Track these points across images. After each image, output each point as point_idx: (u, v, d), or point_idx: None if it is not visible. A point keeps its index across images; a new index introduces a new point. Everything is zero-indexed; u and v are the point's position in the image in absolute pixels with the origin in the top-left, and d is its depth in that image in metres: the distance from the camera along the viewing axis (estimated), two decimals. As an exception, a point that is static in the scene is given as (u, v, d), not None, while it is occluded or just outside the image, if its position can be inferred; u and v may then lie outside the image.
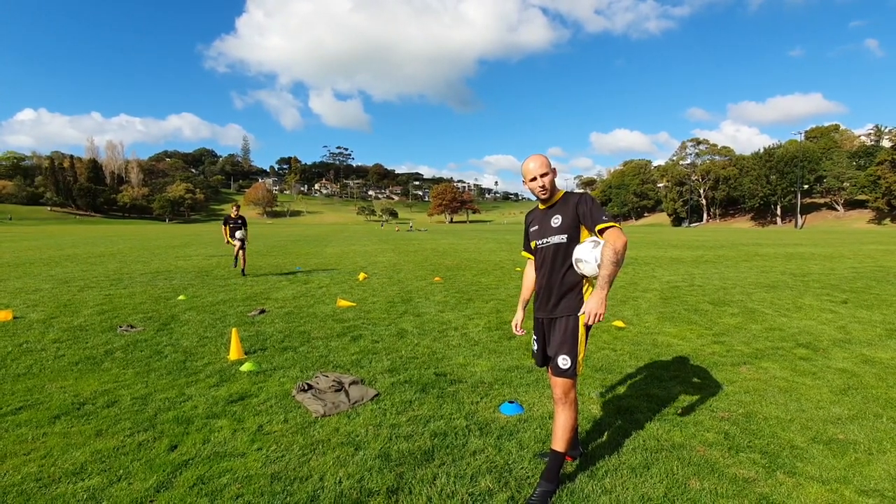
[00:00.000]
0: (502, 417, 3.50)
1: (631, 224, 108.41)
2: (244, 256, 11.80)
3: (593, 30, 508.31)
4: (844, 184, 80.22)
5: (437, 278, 11.23)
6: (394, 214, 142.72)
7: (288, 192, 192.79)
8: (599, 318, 2.40)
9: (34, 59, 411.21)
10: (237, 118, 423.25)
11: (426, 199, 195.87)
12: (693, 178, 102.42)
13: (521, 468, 2.81)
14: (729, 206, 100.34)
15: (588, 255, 2.52)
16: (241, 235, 11.75)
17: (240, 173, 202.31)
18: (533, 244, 2.83)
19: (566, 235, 2.64)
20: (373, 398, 3.83)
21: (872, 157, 79.35)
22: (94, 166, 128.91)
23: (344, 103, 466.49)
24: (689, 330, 6.20)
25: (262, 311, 7.26)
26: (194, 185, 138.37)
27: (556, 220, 2.67)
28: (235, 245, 11.80)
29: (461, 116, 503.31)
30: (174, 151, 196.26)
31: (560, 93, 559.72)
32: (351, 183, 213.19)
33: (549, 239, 2.70)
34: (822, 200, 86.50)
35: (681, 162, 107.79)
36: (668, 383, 4.20)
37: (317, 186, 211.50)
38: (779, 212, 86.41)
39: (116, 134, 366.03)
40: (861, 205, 78.54)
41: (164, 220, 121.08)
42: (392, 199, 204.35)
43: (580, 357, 2.59)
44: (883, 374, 4.46)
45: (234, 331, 5.17)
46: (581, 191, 2.78)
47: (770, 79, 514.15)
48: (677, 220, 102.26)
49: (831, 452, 2.97)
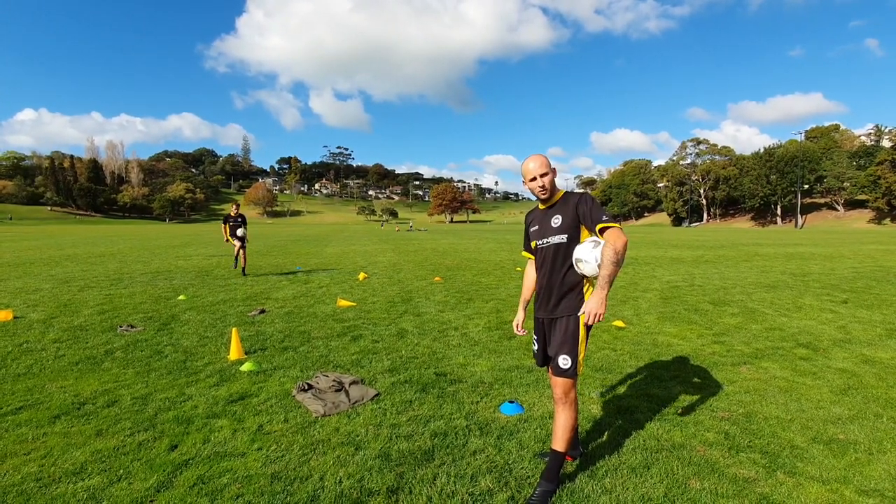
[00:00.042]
0: (502, 417, 3.50)
1: (631, 224, 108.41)
2: (244, 256, 11.80)
3: (593, 29, 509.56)
4: (844, 184, 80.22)
5: (437, 278, 11.24)
6: (394, 214, 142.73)
7: (288, 191, 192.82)
8: (599, 319, 2.40)
9: (34, 59, 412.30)
10: (237, 118, 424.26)
11: (426, 199, 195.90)
12: (693, 178, 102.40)
13: (522, 468, 2.81)
14: (729, 206, 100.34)
15: (588, 255, 2.52)
16: (241, 233, 11.74)
17: (240, 173, 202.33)
18: (533, 244, 2.82)
19: (566, 235, 2.64)
20: (373, 398, 3.84)
21: (872, 157, 79.37)
22: (94, 166, 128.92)
23: (344, 103, 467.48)
24: (690, 330, 6.20)
25: (263, 311, 7.27)
26: (194, 185, 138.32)
27: (557, 220, 2.67)
28: (235, 245, 11.80)
29: (461, 116, 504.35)
30: (174, 151, 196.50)
31: (560, 92, 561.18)
32: (351, 183, 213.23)
33: (549, 239, 2.70)
34: (822, 200, 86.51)
35: (681, 162, 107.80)
36: (668, 383, 4.20)
37: (317, 186, 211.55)
38: (779, 212, 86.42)
39: (117, 134, 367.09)
40: (861, 205, 78.55)
41: (165, 220, 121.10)
42: (392, 199, 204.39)
43: (580, 357, 2.59)
44: (883, 373, 4.46)
45: (234, 331, 5.17)
46: (581, 191, 2.78)
47: (770, 78, 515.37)
48: (677, 220, 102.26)
49: (831, 452, 2.97)
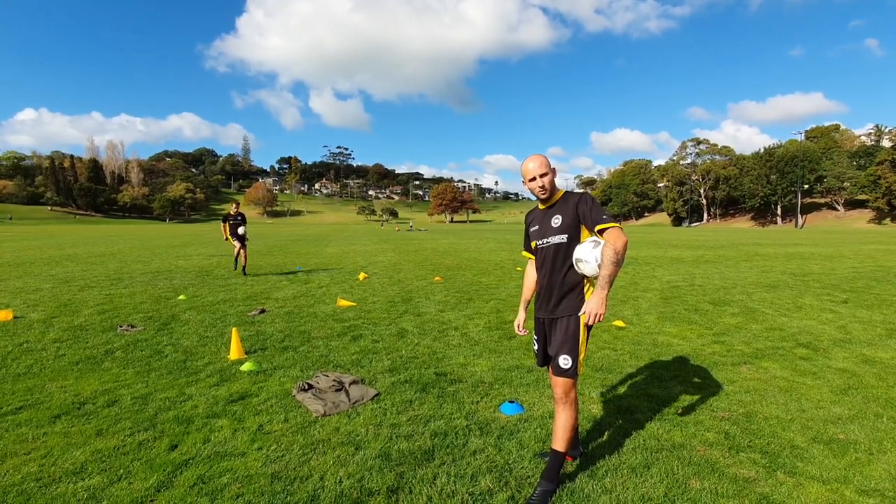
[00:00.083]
0: (502, 417, 3.50)
1: (631, 224, 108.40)
2: (245, 255, 11.80)
3: (593, 29, 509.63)
4: (845, 184, 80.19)
5: (437, 278, 11.23)
6: (394, 214, 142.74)
7: (288, 191, 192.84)
8: (600, 319, 2.40)
9: (34, 59, 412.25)
10: (237, 118, 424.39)
11: (426, 198, 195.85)
12: (693, 178, 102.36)
13: (522, 468, 2.81)
14: (729, 206, 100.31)
15: (588, 256, 2.52)
16: (242, 231, 11.77)
17: (240, 173, 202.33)
18: (533, 244, 2.82)
19: (566, 235, 2.64)
20: (373, 398, 3.84)
21: (873, 157, 79.34)
22: (94, 166, 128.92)
23: (344, 103, 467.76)
24: (690, 330, 6.19)
25: (263, 311, 7.27)
26: (194, 185, 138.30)
27: (557, 220, 2.67)
28: (235, 246, 11.78)
29: (461, 116, 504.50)
30: (174, 151, 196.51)
31: (560, 92, 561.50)
32: (351, 183, 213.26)
33: (549, 239, 2.69)
34: (822, 200, 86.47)
35: (681, 162, 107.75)
36: (668, 383, 4.20)
37: (317, 186, 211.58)
38: (779, 211, 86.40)
39: (117, 134, 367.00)
40: (861, 205, 78.52)
41: (165, 220, 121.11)
42: (392, 198, 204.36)
43: (581, 357, 2.59)
44: (883, 373, 4.46)
45: (234, 330, 5.17)
46: (581, 190, 2.78)
47: (770, 78, 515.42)
48: (677, 220, 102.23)
49: (832, 452, 2.97)
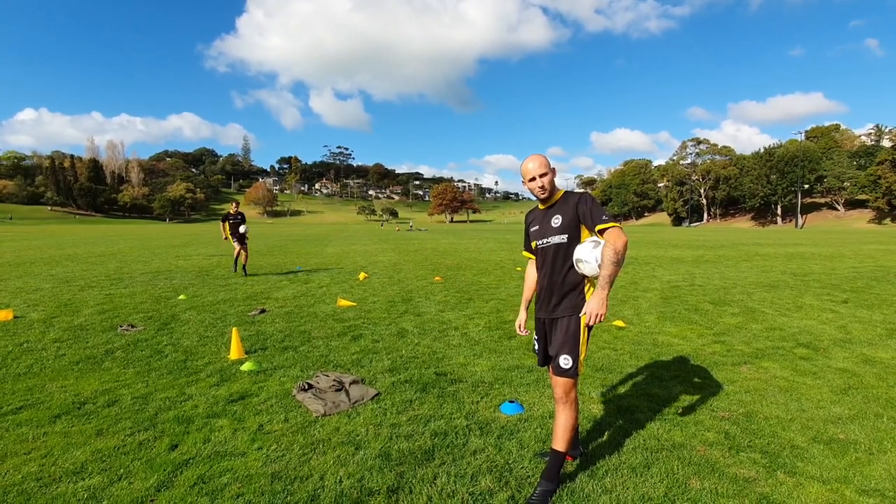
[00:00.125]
0: (503, 417, 3.50)
1: (631, 224, 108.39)
2: (246, 253, 11.80)
3: (593, 29, 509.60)
4: (845, 183, 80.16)
5: (437, 278, 11.23)
6: (394, 214, 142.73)
7: (288, 191, 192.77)
8: (601, 319, 2.40)
9: (34, 59, 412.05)
10: (237, 118, 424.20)
11: (426, 198, 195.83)
12: (693, 178, 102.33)
13: (522, 468, 2.81)
14: (729, 206, 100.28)
15: (588, 256, 2.51)
16: (244, 230, 11.78)
17: (240, 173, 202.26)
18: (534, 244, 2.82)
19: (567, 235, 2.63)
20: (373, 398, 3.84)
21: (873, 157, 79.28)
22: (94, 166, 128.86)
23: (344, 103, 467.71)
24: (690, 329, 6.19)
25: (263, 311, 7.27)
26: (195, 185, 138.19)
27: (557, 220, 2.67)
28: (235, 247, 11.73)
29: (461, 116, 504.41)
30: (174, 151, 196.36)
31: (560, 92, 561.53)
32: (351, 182, 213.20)
33: (549, 239, 2.69)
34: (822, 200, 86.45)
35: (681, 161, 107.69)
36: (668, 383, 4.20)
37: (317, 186, 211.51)
38: (779, 211, 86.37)
39: (117, 134, 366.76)
40: (861, 204, 78.49)
41: (165, 220, 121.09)
42: (392, 198, 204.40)
43: (581, 357, 2.59)
44: (883, 373, 4.46)
45: (234, 330, 5.17)
46: (581, 190, 2.78)
47: (770, 78, 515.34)
48: (678, 220, 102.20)
49: (832, 452, 2.97)
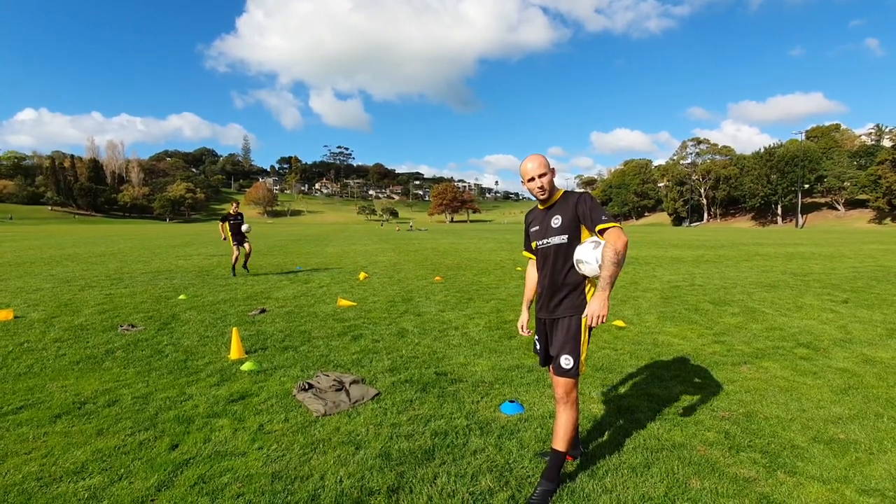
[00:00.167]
0: (503, 417, 3.50)
1: (631, 223, 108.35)
2: (249, 248, 11.82)
3: (594, 29, 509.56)
4: (845, 183, 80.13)
5: (437, 278, 11.23)
6: (394, 214, 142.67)
7: (288, 191, 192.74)
8: (602, 320, 2.39)
9: (34, 59, 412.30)
10: (238, 118, 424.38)
11: (426, 198, 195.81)
12: (693, 178, 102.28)
13: (522, 467, 2.81)
14: (729, 206, 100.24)
15: (589, 256, 2.51)
16: (247, 228, 11.87)
17: (240, 173, 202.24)
18: (534, 244, 2.81)
19: (567, 236, 2.63)
20: (373, 397, 3.84)
21: (873, 157, 79.25)
22: (94, 166, 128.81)
23: (344, 103, 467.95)
24: (690, 329, 6.19)
25: (263, 311, 7.27)
26: (195, 185, 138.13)
27: (556, 221, 2.66)
28: (235, 251, 11.65)
29: (461, 116, 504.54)
30: (175, 151, 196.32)
31: (560, 92, 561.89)
32: (351, 182, 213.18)
33: (549, 239, 2.68)
34: (822, 200, 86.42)
35: (681, 161, 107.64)
36: (668, 383, 4.20)
37: (317, 186, 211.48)
38: (779, 211, 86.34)
39: (117, 134, 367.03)
40: (862, 204, 78.46)
41: (165, 220, 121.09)
42: (392, 198, 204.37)
43: (582, 357, 2.59)
44: (883, 373, 4.46)
45: (234, 330, 5.17)
46: (581, 190, 2.77)
47: (770, 78, 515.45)
48: (678, 220, 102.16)
49: (832, 452, 2.97)
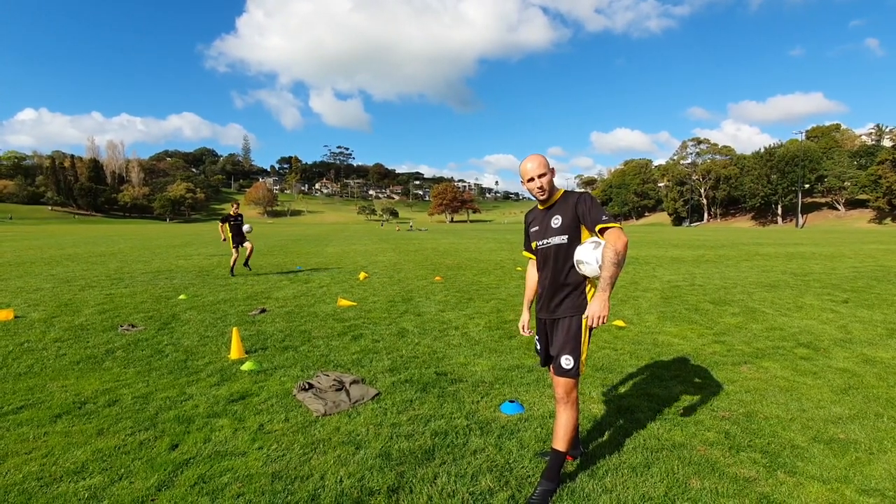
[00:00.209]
0: (503, 417, 3.50)
1: (631, 223, 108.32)
2: (251, 247, 11.87)
3: (594, 29, 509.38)
4: (845, 183, 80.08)
5: (437, 278, 11.23)
6: (394, 214, 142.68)
7: (288, 191, 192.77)
8: (603, 321, 2.39)
9: (34, 59, 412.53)
10: (238, 118, 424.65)
11: (427, 198, 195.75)
12: (694, 178, 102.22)
13: (522, 467, 2.81)
14: (730, 206, 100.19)
15: (589, 257, 2.50)
16: (248, 228, 11.97)
17: (240, 173, 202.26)
18: (534, 245, 2.80)
19: (567, 236, 2.62)
20: (373, 397, 3.84)
21: (873, 157, 79.19)
22: (94, 166, 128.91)
23: (344, 103, 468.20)
24: (690, 329, 6.19)
25: (263, 311, 7.27)
26: (195, 185, 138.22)
27: (556, 221, 2.65)
28: (234, 254, 11.64)
29: (461, 116, 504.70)
30: (175, 151, 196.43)
31: (560, 92, 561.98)
32: (351, 182, 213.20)
33: (549, 240, 2.68)
34: (822, 200, 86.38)
35: (681, 161, 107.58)
36: (668, 382, 4.20)
37: (317, 186, 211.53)
38: (780, 211, 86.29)
39: (117, 133, 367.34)
40: (862, 204, 78.42)
41: (165, 220, 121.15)
42: (392, 198, 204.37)
43: (583, 357, 2.58)
44: (884, 373, 4.46)
45: (234, 330, 5.17)
46: (581, 190, 2.77)
47: (770, 78, 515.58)
48: (678, 220, 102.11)
49: (832, 452, 2.97)
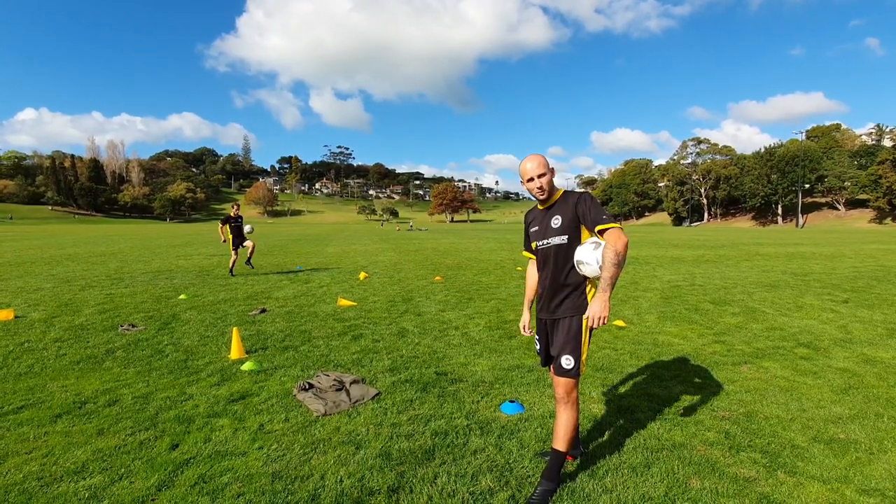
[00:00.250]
0: (503, 416, 3.50)
1: (632, 223, 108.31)
2: (252, 246, 11.91)
3: (594, 29, 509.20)
4: (845, 183, 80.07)
5: (437, 277, 11.23)
6: (394, 214, 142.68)
7: (289, 191, 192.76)
8: (603, 322, 2.38)
9: (34, 59, 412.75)
10: (238, 117, 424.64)
11: (427, 198, 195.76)
12: (694, 178, 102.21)
13: (522, 467, 2.81)
14: (730, 206, 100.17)
15: (589, 257, 2.50)
16: (249, 229, 11.99)
17: (241, 172, 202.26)
18: (534, 245, 2.80)
19: (567, 236, 2.62)
20: (374, 397, 3.84)
21: (873, 157, 79.20)
22: (95, 166, 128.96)
23: (344, 102, 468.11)
24: (690, 329, 6.19)
25: (263, 311, 7.27)
26: (195, 185, 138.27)
27: (556, 221, 2.65)
28: (233, 256, 11.61)
29: (461, 116, 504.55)
30: (175, 151, 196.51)
31: (560, 92, 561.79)
32: (352, 182, 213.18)
33: (549, 240, 2.68)
34: (823, 200, 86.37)
35: (682, 161, 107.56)
36: (668, 382, 4.20)
37: (317, 186, 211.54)
38: (780, 211, 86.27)
39: (117, 133, 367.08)
40: (862, 204, 78.41)
41: (165, 220, 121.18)
42: (393, 198, 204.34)
43: (583, 357, 2.58)
44: (884, 373, 4.46)
45: (235, 330, 5.17)
46: (581, 190, 2.77)
47: (771, 78, 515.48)
48: (678, 220, 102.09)
49: (832, 452, 2.97)
